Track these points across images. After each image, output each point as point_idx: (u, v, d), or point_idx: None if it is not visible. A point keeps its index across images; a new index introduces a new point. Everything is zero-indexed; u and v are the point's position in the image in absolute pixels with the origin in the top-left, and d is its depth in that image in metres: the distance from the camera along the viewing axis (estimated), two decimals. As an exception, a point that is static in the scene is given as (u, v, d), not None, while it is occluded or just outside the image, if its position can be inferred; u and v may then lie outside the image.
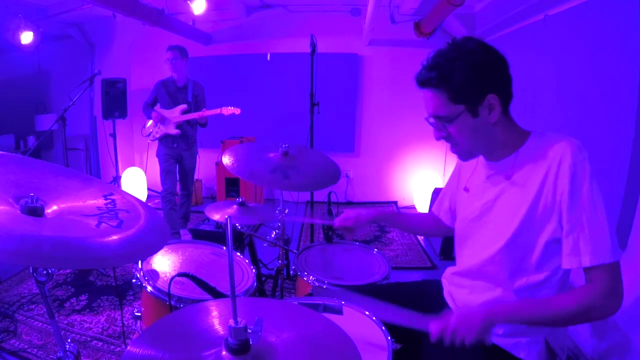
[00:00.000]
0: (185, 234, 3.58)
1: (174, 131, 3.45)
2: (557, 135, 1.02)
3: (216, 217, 1.82)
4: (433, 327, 0.98)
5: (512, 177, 1.05)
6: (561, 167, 0.95)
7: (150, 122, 3.57)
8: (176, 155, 3.54)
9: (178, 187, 3.66)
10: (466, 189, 1.19)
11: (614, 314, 0.93)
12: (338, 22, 4.84)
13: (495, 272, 1.07)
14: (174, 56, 3.37)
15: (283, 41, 4.94)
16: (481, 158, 1.14)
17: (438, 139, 1.08)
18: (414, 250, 3.68)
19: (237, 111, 3.60)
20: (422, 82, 1.03)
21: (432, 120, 1.06)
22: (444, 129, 1.04)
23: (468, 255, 1.17)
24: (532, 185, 1.00)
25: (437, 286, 1.30)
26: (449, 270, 1.26)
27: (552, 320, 0.96)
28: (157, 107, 3.54)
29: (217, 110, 3.53)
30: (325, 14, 4.83)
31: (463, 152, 1.09)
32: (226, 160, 1.75)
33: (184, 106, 3.44)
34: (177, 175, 3.63)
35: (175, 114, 3.45)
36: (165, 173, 3.50)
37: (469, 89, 0.99)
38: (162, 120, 3.47)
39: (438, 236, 1.51)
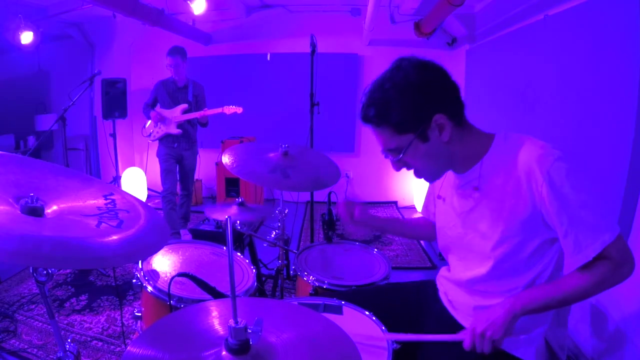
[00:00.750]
0: (185, 234, 3.58)
1: (175, 131, 3.44)
2: (521, 138, 0.98)
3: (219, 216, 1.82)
4: (464, 338, 0.97)
5: (480, 188, 1.02)
6: (532, 177, 0.92)
7: (150, 122, 3.56)
8: (177, 155, 3.54)
9: (178, 187, 3.66)
10: (440, 197, 1.18)
11: (627, 278, 0.93)
12: (338, 22, 4.84)
13: (487, 284, 1.07)
14: (176, 62, 3.33)
15: (283, 41, 4.94)
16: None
17: (398, 169, 1.05)
18: (414, 250, 3.68)
19: (239, 110, 3.59)
20: (364, 120, 1.01)
21: (385, 153, 1.03)
22: (400, 160, 1.02)
23: (456, 264, 1.17)
24: (505, 198, 0.97)
25: (434, 286, 1.30)
26: (443, 272, 1.26)
27: (568, 301, 0.95)
28: (158, 107, 3.53)
29: (219, 110, 3.52)
30: (325, 14, 4.83)
31: (427, 176, 1.07)
32: (226, 159, 1.75)
33: (184, 105, 3.43)
34: (177, 175, 3.63)
35: (176, 113, 3.44)
36: (165, 173, 3.49)
37: (411, 118, 0.95)
38: (162, 120, 3.46)
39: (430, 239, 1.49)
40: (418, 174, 1.06)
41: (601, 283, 0.92)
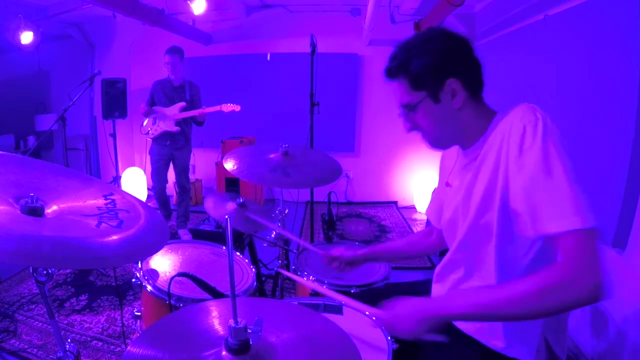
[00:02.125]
0: (185, 234, 3.60)
1: (174, 128, 3.50)
2: (516, 106, 0.97)
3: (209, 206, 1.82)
4: (379, 315, 0.98)
5: (475, 159, 1.02)
6: (510, 134, 0.91)
7: (147, 120, 3.63)
8: (169, 154, 3.62)
9: (175, 186, 3.76)
10: (448, 184, 1.17)
11: (592, 298, 0.74)
12: (338, 22, 4.84)
13: (466, 259, 1.06)
14: (174, 60, 3.42)
15: (283, 41, 4.94)
16: (459, 149, 1.11)
17: (408, 130, 1.08)
18: (414, 250, 3.68)
19: (237, 108, 3.64)
20: (386, 72, 1.06)
21: (400, 111, 1.07)
22: (411, 119, 1.06)
23: (452, 251, 1.15)
24: (488, 164, 0.97)
25: (430, 286, 1.29)
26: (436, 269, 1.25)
27: (509, 310, 0.80)
28: (156, 107, 3.59)
29: (217, 108, 3.58)
30: (325, 14, 4.83)
31: (432, 140, 1.08)
32: (229, 165, 1.75)
33: (183, 104, 3.50)
34: (174, 173, 3.72)
35: (175, 111, 3.49)
36: (155, 172, 3.61)
37: (427, 74, 0.99)
38: (161, 117, 3.53)
39: (436, 250, 1.46)
40: (424, 137, 1.08)
41: (548, 290, 0.76)
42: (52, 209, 0.86)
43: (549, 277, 0.77)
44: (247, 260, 1.61)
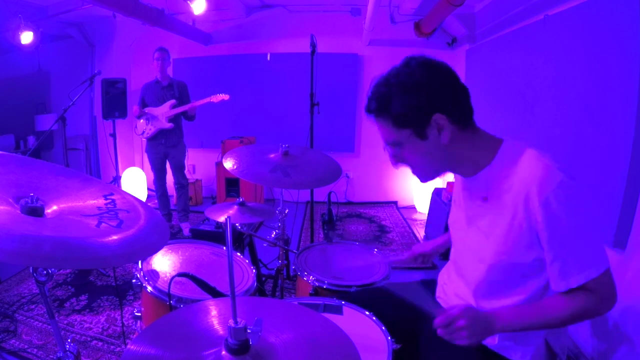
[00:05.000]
0: (187, 227, 3.68)
1: (167, 125, 3.61)
2: (527, 151, 0.96)
3: (221, 219, 1.84)
4: (440, 316, 0.95)
5: (488, 199, 1.00)
6: (530, 198, 0.90)
7: (141, 122, 3.72)
8: (164, 152, 3.72)
9: (172, 181, 3.84)
10: (455, 201, 1.18)
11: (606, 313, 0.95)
12: (338, 22, 4.84)
13: (480, 294, 1.06)
14: (163, 56, 3.57)
15: (283, 41, 4.94)
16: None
17: (395, 164, 1.06)
18: (414, 250, 3.68)
19: (226, 97, 3.72)
20: (367, 111, 1.03)
21: (385, 146, 1.04)
22: (397, 154, 1.02)
23: (454, 268, 1.17)
24: (506, 210, 0.96)
25: (434, 286, 1.30)
26: (442, 276, 1.25)
27: (545, 326, 0.97)
28: (147, 108, 3.70)
29: (207, 99, 3.67)
30: (325, 14, 4.83)
31: (421, 174, 1.06)
32: (228, 164, 1.76)
33: (173, 101, 3.62)
34: (171, 169, 3.83)
35: (165, 109, 3.61)
36: (155, 170, 3.75)
37: (410, 113, 0.95)
38: (153, 116, 3.64)
39: None
40: (414, 171, 1.06)
41: (580, 315, 0.93)
42: (52, 209, 0.86)
43: (580, 307, 0.93)
44: (247, 261, 1.61)
